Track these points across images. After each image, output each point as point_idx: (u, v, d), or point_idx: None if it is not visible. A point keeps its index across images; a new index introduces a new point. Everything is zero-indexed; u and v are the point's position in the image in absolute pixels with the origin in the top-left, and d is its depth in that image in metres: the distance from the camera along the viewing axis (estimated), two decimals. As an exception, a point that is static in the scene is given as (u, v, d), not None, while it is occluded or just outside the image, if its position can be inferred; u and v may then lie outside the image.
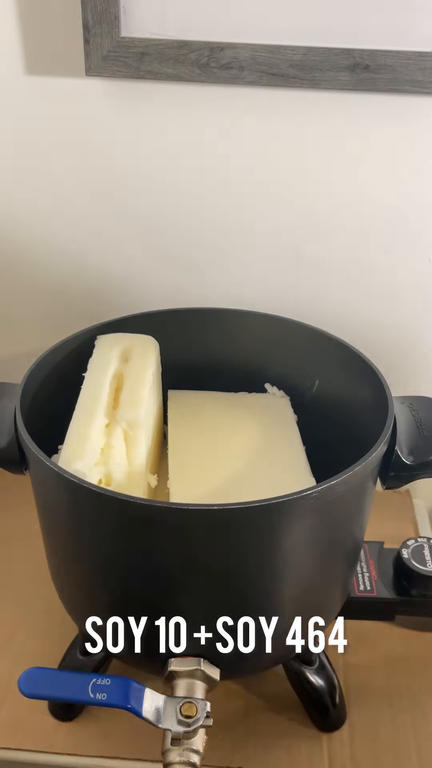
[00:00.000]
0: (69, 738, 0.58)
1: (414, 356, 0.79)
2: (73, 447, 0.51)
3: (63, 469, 0.45)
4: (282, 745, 0.58)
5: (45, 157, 0.71)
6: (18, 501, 0.79)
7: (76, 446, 0.51)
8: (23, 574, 0.72)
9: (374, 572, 0.68)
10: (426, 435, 0.52)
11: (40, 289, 0.79)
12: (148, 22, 0.63)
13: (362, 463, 0.46)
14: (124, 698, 0.47)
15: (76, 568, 0.52)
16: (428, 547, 0.69)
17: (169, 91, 0.67)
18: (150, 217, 0.74)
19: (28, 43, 0.66)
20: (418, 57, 0.62)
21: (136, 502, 0.43)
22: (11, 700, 0.61)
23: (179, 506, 0.42)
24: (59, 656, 0.62)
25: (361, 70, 0.63)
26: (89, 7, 0.62)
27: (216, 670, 0.50)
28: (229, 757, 0.57)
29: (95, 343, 0.61)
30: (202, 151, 0.70)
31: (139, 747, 0.58)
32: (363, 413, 0.56)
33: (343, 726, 0.59)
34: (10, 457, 0.51)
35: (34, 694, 0.49)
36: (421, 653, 0.66)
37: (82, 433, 0.52)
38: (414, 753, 0.58)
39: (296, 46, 0.62)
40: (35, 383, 0.56)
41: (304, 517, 0.45)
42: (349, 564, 0.55)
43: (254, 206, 0.72)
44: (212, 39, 0.63)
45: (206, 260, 0.75)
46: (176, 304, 0.66)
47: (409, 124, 0.66)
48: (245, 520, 0.43)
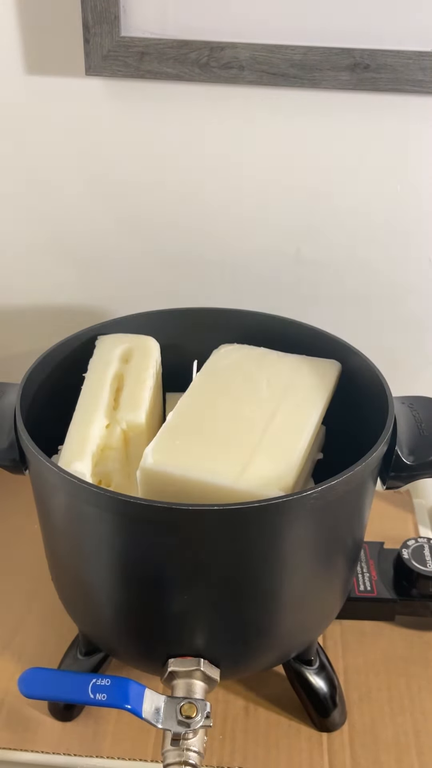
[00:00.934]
0: (69, 738, 0.58)
1: (414, 356, 0.79)
2: (73, 448, 0.51)
3: (63, 469, 0.45)
4: (282, 745, 0.58)
5: (45, 157, 0.71)
6: (18, 501, 0.79)
7: (76, 447, 0.51)
8: (23, 575, 0.72)
9: (374, 572, 0.68)
10: (426, 435, 0.52)
11: (40, 288, 0.79)
12: (148, 22, 0.63)
13: (362, 463, 0.46)
14: (124, 699, 0.47)
15: (75, 568, 0.52)
16: (428, 547, 0.69)
17: (169, 90, 0.67)
18: (150, 216, 0.74)
19: (28, 43, 0.66)
20: (418, 57, 0.62)
21: (136, 502, 0.43)
22: (11, 700, 0.61)
23: (179, 506, 0.42)
24: (59, 656, 0.62)
25: (361, 69, 0.63)
26: (89, 6, 0.62)
27: (216, 670, 0.50)
28: (229, 757, 0.57)
29: (96, 343, 0.61)
30: (202, 151, 0.70)
31: (139, 747, 0.58)
32: (363, 413, 0.56)
33: (343, 726, 0.59)
34: (10, 457, 0.51)
35: (34, 694, 0.49)
36: (421, 653, 0.66)
37: (82, 434, 0.52)
38: (414, 753, 0.58)
39: (296, 46, 0.62)
40: (35, 383, 0.56)
41: (304, 517, 0.45)
42: (349, 564, 0.55)
43: (254, 206, 0.72)
44: (212, 39, 0.63)
45: (206, 260, 0.75)
46: (176, 304, 0.66)
47: (409, 124, 0.66)
48: (245, 520, 0.43)
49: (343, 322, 0.73)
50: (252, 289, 0.76)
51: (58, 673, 0.52)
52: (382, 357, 0.59)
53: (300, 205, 0.71)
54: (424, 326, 0.77)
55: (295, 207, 0.71)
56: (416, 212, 0.70)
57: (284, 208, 0.72)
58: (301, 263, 0.74)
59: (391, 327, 0.77)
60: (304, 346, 0.61)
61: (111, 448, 0.53)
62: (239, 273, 0.76)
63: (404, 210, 0.70)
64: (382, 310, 0.76)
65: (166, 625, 0.50)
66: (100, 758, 0.57)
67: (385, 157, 0.68)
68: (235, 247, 0.74)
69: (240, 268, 0.75)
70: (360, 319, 0.76)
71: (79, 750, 0.57)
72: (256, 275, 0.76)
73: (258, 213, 0.72)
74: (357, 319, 0.76)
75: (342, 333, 0.62)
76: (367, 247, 0.73)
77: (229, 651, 0.51)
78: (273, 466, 0.48)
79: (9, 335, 0.83)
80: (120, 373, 0.58)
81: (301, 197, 0.71)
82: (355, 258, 0.74)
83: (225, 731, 0.59)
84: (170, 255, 0.75)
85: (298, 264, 0.75)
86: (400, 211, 0.71)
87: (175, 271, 0.76)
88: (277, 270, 0.75)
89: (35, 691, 0.49)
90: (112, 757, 0.57)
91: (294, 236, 0.73)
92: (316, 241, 0.73)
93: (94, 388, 0.56)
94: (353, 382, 0.59)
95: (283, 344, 0.61)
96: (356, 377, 0.59)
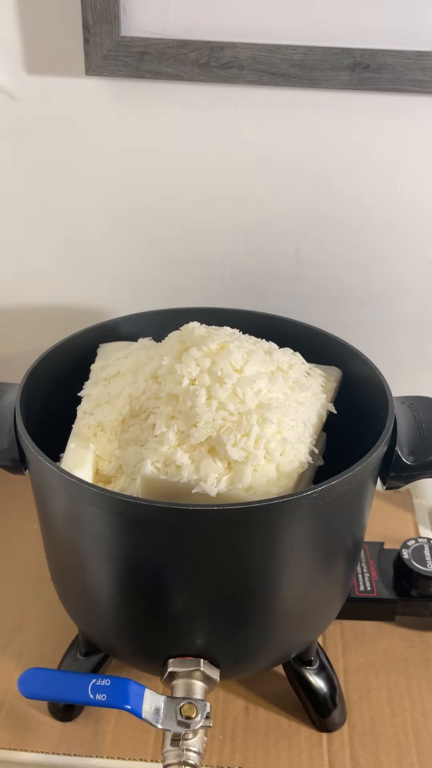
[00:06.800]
0: (69, 738, 0.58)
1: (414, 356, 0.79)
2: (73, 459, 0.51)
3: (63, 469, 0.46)
4: (282, 745, 0.58)
5: (45, 157, 0.71)
6: (18, 501, 0.79)
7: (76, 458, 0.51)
8: (23, 575, 0.72)
9: (374, 572, 0.68)
10: (426, 435, 0.52)
11: (40, 288, 0.79)
12: (148, 22, 0.63)
13: (362, 464, 0.46)
14: (124, 699, 0.47)
15: (75, 568, 0.52)
16: (428, 547, 0.69)
17: (169, 90, 0.67)
18: (149, 215, 0.74)
19: (28, 43, 0.66)
20: (418, 57, 0.62)
21: (136, 502, 0.43)
22: (11, 700, 0.61)
23: (179, 506, 0.42)
24: (59, 656, 0.62)
25: (361, 69, 0.63)
26: (89, 6, 0.62)
27: (216, 670, 0.50)
28: (229, 757, 0.57)
29: (98, 351, 0.60)
30: (202, 151, 0.69)
31: (139, 747, 0.58)
32: (363, 413, 0.56)
33: (343, 726, 0.59)
34: (10, 457, 0.51)
35: (34, 694, 0.49)
36: (421, 653, 0.66)
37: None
38: (414, 753, 0.58)
39: (296, 46, 0.62)
40: (35, 383, 0.56)
41: (304, 517, 0.45)
42: (350, 564, 0.55)
43: (254, 205, 0.72)
44: (212, 38, 0.63)
45: (206, 260, 0.75)
46: (176, 304, 0.66)
47: (409, 124, 0.66)
48: (245, 520, 0.43)
49: (343, 322, 0.73)
50: (252, 289, 0.76)
51: (58, 673, 0.52)
52: (382, 357, 0.59)
53: (300, 205, 0.71)
54: (424, 326, 0.77)
55: (295, 207, 0.71)
56: (416, 212, 0.70)
57: (284, 207, 0.72)
58: (301, 263, 0.74)
59: (391, 327, 0.77)
60: (304, 346, 0.61)
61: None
62: (239, 273, 0.76)
63: (404, 210, 0.70)
64: (382, 310, 0.76)
65: (166, 625, 0.50)
66: (100, 758, 0.57)
67: (385, 157, 0.68)
68: (235, 247, 0.74)
69: (240, 268, 0.75)
70: (360, 319, 0.76)
71: (79, 750, 0.57)
72: (256, 275, 0.76)
73: (258, 213, 0.72)
74: (357, 319, 0.76)
75: (342, 333, 0.62)
76: (367, 247, 0.73)
77: (229, 651, 0.51)
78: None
79: (9, 335, 0.83)
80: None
81: (301, 197, 0.71)
82: (355, 258, 0.74)
83: (225, 731, 0.59)
84: (170, 255, 0.75)
85: (298, 264, 0.74)
86: (400, 211, 0.71)
87: (175, 270, 0.76)
88: (277, 270, 0.75)
89: (35, 691, 0.49)
90: (112, 757, 0.57)
91: (294, 236, 0.73)
92: (316, 241, 0.73)
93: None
94: (353, 383, 0.59)
95: (283, 344, 0.61)
96: (356, 377, 0.59)
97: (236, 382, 0.49)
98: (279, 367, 0.54)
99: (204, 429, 0.47)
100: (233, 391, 0.49)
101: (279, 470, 0.48)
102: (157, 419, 0.50)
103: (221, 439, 0.47)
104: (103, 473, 0.52)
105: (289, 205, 0.71)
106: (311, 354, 0.60)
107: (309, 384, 0.55)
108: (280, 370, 0.54)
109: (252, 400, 0.49)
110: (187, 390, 0.49)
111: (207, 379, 0.49)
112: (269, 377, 0.52)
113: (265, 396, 0.50)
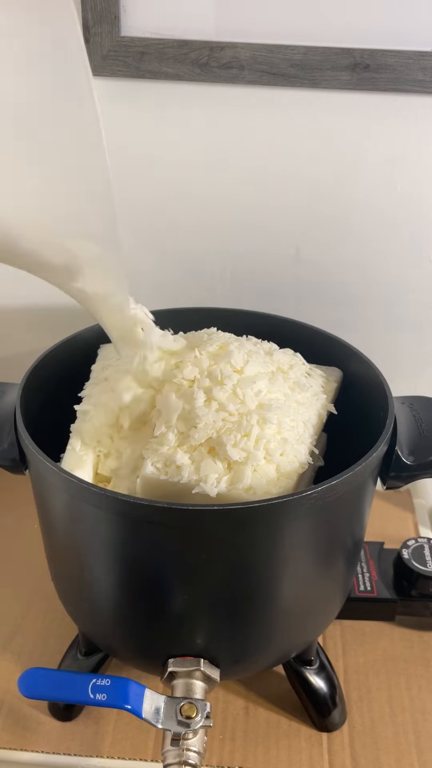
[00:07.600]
0: (69, 738, 0.58)
1: (414, 356, 0.79)
2: (74, 459, 0.51)
3: (63, 469, 0.46)
4: (282, 745, 0.58)
5: (45, 157, 0.71)
6: (18, 501, 0.79)
7: (77, 459, 0.51)
8: (23, 574, 0.72)
9: (374, 572, 0.68)
10: (426, 435, 0.52)
11: (39, 288, 0.79)
12: (148, 22, 0.63)
13: (362, 464, 0.46)
14: (124, 699, 0.47)
15: (75, 567, 0.52)
16: (428, 547, 0.69)
17: (169, 90, 0.67)
18: (149, 216, 0.74)
19: (28, 43, 0.66)
20: (418, 57, 0.62)
21: (136, 502, 0.43)
22: (11, 699, 0.61)
23: (179, 506, 0.42)
24: (59, 656, 0.62)
25: (361, 69, 0.63)
26: (89, 6, 0.62)
27: (216, 670, 0.50)
28: (229, 757, 0.57)
29: (98, 351, 0.60)
30: (202, 151, 0.69)
31: (139, 747, 0.58)
32: (363, 413, 0.56)
33: (343, 726, 0.59)
34: (10, 457, 0.51)
35: (34, 694, 0.49)
36: (421, 653, 0.66)
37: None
38: (414, 753, 0.58)
39: (296, 46, 0.62)
40: (35, 383, 0.56)
41: (304, 517, 0.45)
42: (349, 564, 0.55)
43: (254, 206, 0.72)
44: (212, 38, 0.63)
45: (206, 259, 0.75)
46: (176, 304, 0.66)
47: (409, 124, 0.66)
48: (245, 520, 0.43)
49: (343, 322, 0.73)
50: (252, 289, 0.76)
51: (58, 673, 0.52)
52: (382, 357, 0.59)
53: (300, 204, 0.71)
54: (424, 326, 0.77)
55: (295, 207, 0.71)
56: (416, 212, 0.70)
57: (284, 208, 0.72)
58: (301, 263, 0.74)
59: (391, 327, 0.77)
60: (304, 347, 0.61)
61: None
62: (239, 273, 0.76)
63: (404, 210, 0.70)
64: (382, 310, 0.76)
65: (166, 625, 0.50)
66: (100, 758, 0.57)
67: (385, 157, 0.68)
68: (235, 247, 0.74)
69: (240, 268, 0.75)
70: (360, 319, 0.76)
71: (79, 750, 0.57)
72: (256, 275, 0.76)
73: (258, 213, 0.72)
74: (357, 319, 0.76)
75: (342, 333, 0.62)
76: (367, 247, 0.73)
77: (229, 651, 0.51)
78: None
79: (9, 335, 0.83)
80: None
81: (300, 197, 0.71)
82: (355, 258, 0.74)
83: (225, 731, 0.59)
84: (170, 254, 0.75)
85: (298, 264, 0.74)
86: (400, 211, 0.71)
87: (174, 270, 0.76)
88: (277, 270, 0.75)
89: (35, 691, 0.49)
90: (112, 757, 0.57)
91: (294, 236, 0.73)
92: (316, 241, 0.73)
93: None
94: (353, 383, 0.59)
95: (283, 344, 0.61)
96: (356, 377, 0.59)
97: (236, 383, 0.49)
98: (279, 367, 0.54)
99: (204, 430, 0.47)
100: (233, 392, 0.49)
101: (279, 471, 0.48)
102: (157, 420, 0.50)
103: (221, 440, 0.47)
104: (103, 473, 0.52)
105: (289, 205, 0.71)
106: (311, 354, 0.60)
107: (309, 384, 0.55)
108: (281, 371, 0.54)
109: (252, 401, 0.49)
110: (186, 391, 0.49)
111: (207, 380, 0.49)
112: (269, 378, 0.52)
113: (266, 396, 0.50)
